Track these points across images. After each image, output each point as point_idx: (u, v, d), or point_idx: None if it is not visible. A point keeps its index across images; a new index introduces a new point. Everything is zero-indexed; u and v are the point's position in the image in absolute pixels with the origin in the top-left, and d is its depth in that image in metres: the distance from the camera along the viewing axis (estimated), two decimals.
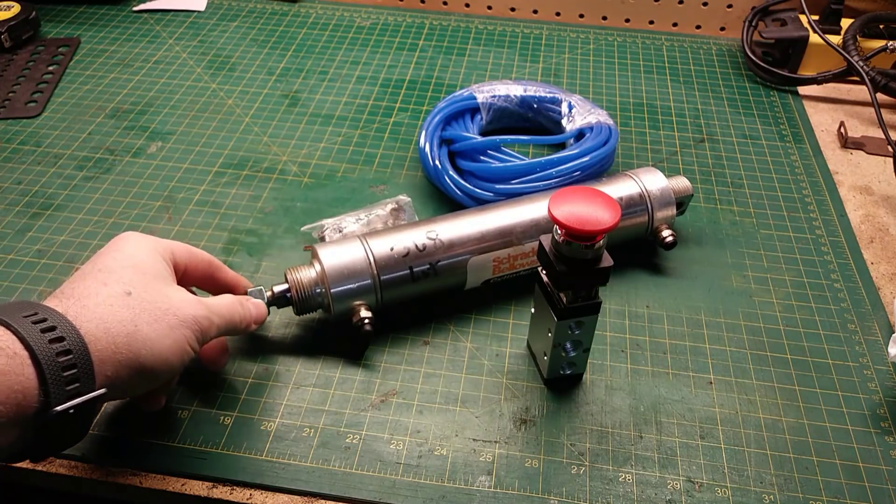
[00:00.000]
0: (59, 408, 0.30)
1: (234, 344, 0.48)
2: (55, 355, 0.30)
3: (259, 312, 0.43)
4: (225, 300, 0.41)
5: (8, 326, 0.31)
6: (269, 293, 0.45)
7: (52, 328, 0.31)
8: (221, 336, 0.41)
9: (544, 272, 0.42)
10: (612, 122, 0.60)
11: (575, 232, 0.37)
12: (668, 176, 0.53)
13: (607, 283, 0.39)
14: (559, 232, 0.38)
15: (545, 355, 0.44)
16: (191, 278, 0.43)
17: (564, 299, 0.40)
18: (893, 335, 0.45)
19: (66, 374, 0.31)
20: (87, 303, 0.34)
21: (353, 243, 0.47)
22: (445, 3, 0.87)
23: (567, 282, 0.39)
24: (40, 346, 0.30)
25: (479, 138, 0.57)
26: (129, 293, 0.35)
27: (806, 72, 0.75)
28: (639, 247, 0.55)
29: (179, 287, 0.39)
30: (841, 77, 0.71)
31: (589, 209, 0.37)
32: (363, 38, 0.81)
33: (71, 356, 0.31)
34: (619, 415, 0.44)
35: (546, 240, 0.40)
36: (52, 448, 0.33)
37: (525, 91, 0.64)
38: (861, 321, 0.51)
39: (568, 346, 0.44)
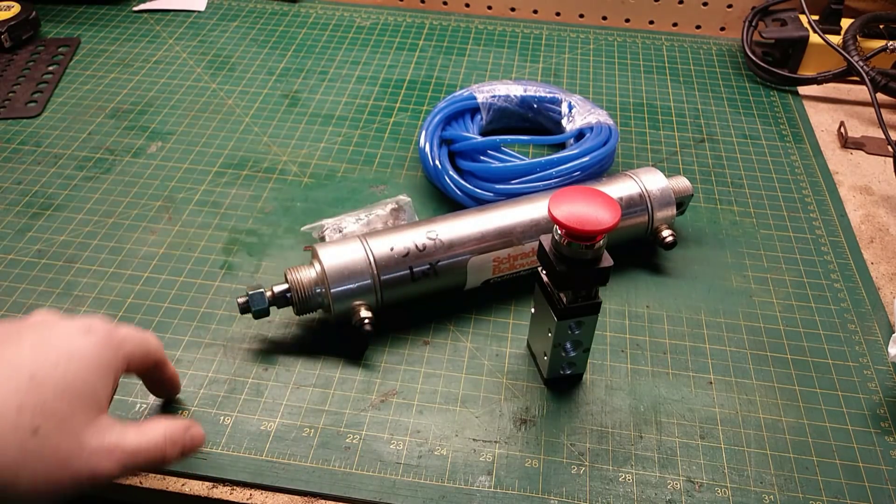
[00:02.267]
0: None
1: (234, 344, 0.48)
2: None
3: (193, 445, 0.37)
4: (151, 442, 0.33)
5: None
6: (269, 293, 0.45)
7: None
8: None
9: (544, 272, 0.42)
10: (612, 122, 0.60)
11: (575, 232, 0.37)
12: (668, 176, 0.53)
13: (607, 284, 0.39)
14: (559, 232, 0.38)
15: (545, 355, 0.44)
16: (133, 370, 0.37)
17: (564, 299, 0.40)
18: (893, 335, 0.45)
19: None
20: None
21: (353, 243, 0.47)
22: (445, 3, 0.87)
23: (567, 282, 0.39)
24: None
25: (479, 138, 0.57)
26: (35, 432, 0.29)
27: (806, 72, 0.75)
28: (639, 247, 0.55)
29: (104, 421, 0.32)
30: (841, 77, 0.71)
31: (589, 209, 0.37)
32: (363, 38, 0.81)
33: None
34: (619, 415, 0.44)
35: (546, 240, 0.40)
36: None
37: (525, 91, 0.64)
38: (861, 321, 0.51)
39: (568, 346, 0.44)
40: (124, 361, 0.34)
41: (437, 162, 0.58)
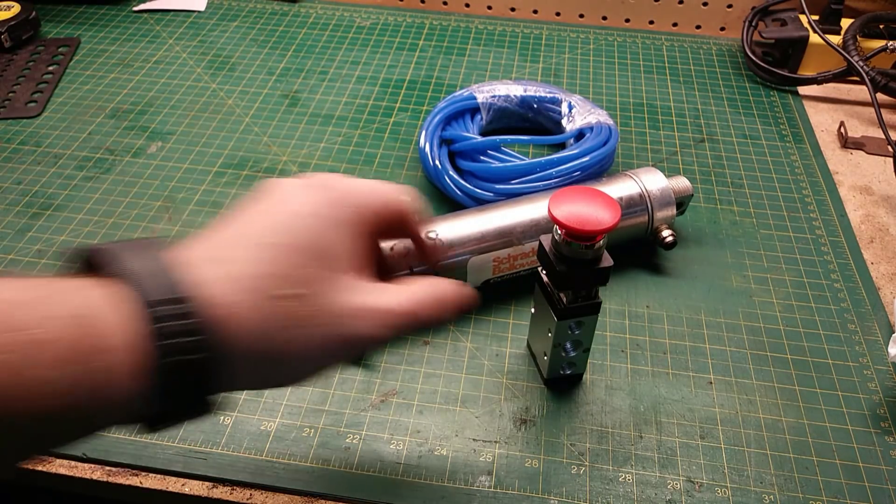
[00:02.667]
0: (160, 425, 0.26)
1: None
2: (173, 333, 0.24)
3: (463, 304, 0.33)
4: (421, 296, 0.31)
5: (140, 301, 0.24)
6: None
7: (189, 331, 0.24)
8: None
9: (544, 272, 0.42)
10: (612, 122, 0.60)
11: (575, 232, 0.37)
12: (668, 176, 0.53)
13: (607, 283, 0.39)
14: (559, 232, 0.38)
15: (545, 355, 0.44)
16: (377, 225, 0.32)
17: (564, 299, 0.40)
18: (893, 335, 0.45)
19: (187, 377, 0.25)
20: (242, 298, 0.26)
21: None
22: (445, 3, 0.87)
23: (567, 282, 0.39)
24: (161, 322, 0.24)
25: (479, 138, 0.57)
26: (293, 297, 0.27)
27: (806, 72, 0.75)
28: (639, 247, 0.55)
29: (359, 284, 0.29)
30: (841, 77, 0.71)
31: (589, 209, 0.37)
32: (363, 38, 0.81)
33: (196, 370, 0.25)
34: (619, 415, 0.44)
35: (546, 240, 0.40)
36: (172, 413, 0.26)
37: (525, 91, 0.64)
38: (861, 321, 0.51)
39: (568, 345, 0.44)
40: (357, 214, 0.30)
41: (437, 162, 0.58)
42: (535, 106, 0.64)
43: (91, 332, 0.23)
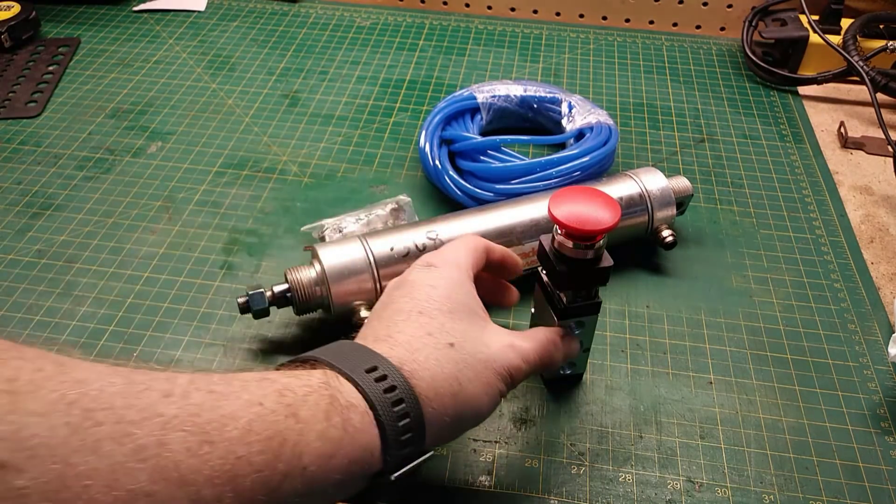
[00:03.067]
0: (395, 474, 0.31)
1: (234, 344, 0.48)
2: (396, 419, 0.30)
3: (571, 350, 0.40)
4: (538, 343, 0.38)
5: (353, 382, 0.30)
6: (269, 293, 0.45)
7: (393, 388, 0.31)
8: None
9: (544, 272, 0.42)
10: (612, 122, 0.60)
11: (575, 231, 0.36)
12: (668, 176, 0.53)
13: (607, 283, 0.39)
14: (559, 231, 0.38)
15: None
16: (481, 272, 0.40)
17: (564, 299, 0.40)
18: (893, 335, 0.45)
19: (402, 437, 0.31)
20: (417, 356, 0.33)
21: (353, 243, 0.47)
22: (445, 3, 0.87)
23: (567, 282, 0.39)
24: (384, 409, 0.30)
25: (479, 138, 0.57)
26: (452, 345, 0.34)
27: (806, 72, 0.75)
28: (639, 247, 0.55)
29: (492, 327, 0.37)
30: (841, 77, 0.71)
31: (589, 209, 0.37)
32: (363, 38, 0.81)
33: (409, 420, 0.31)
34: (619, 415, 0.44)
35: (546, 240, 0.40)
36: (380, 494, 0.33)
37: (525, 91, 0.64)
38: (861, 321, 0.51)
39: None
40: (471, 272, 0.38)
41: (437, 162, 0.58)
42: (535, 106, 0.64)
43: (337, 396, 0.29)
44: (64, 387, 0.23)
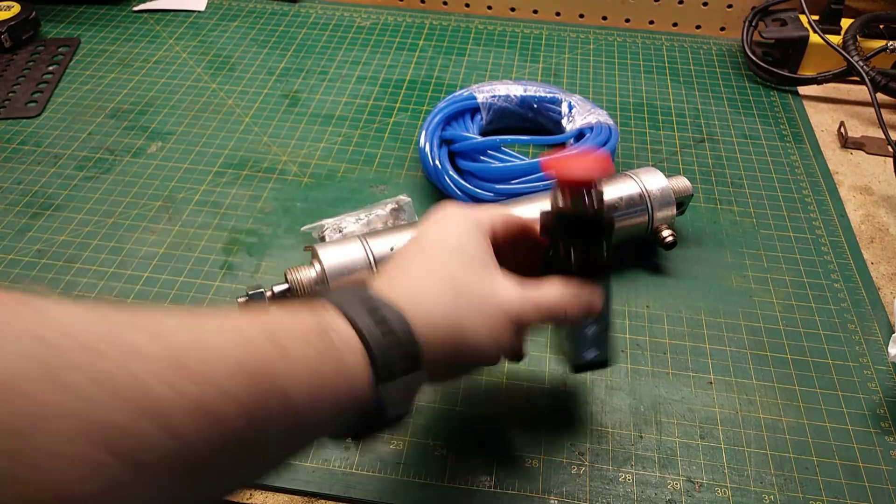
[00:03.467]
0: (389, 401, 0.30)
1: None
2: (390, 356, 0.30)
3: (591, 302, 0.37)
4: (552, 292, 0.36)
5: (347, 318, 0.30)
6: (269, 293, 0.45)
7: (387, 323, 0.30)
8: (543, 322, 0.37)
9: (550, 249, 0.40)
10: (612, 122, 0.60)
11: (567, 178, 0.36)
12: (668, 176, 0.53)
13: (613, 246, 0.38)
14: (559, 191, 0.37)
15: (566, 341, 0.41)
16: (499, 242, 0.39)
17: (573, 263, 0.38)
18: (893, 335, 0.45)
19: (396, 374, 0.30)
20: (416, 294, 0.33)
21: (353, 243, 0.47)
22: (445, 3, 0.87)
23: (566, 231, 0.38)
24: (378, 346, 0.30)
25: (479, 138, 0.57)
26: (454, 286, 0.34)
27: (806, 72, 0.75)
28: (639, 247, 0.55)
29: (501, 273, 0.36)
30: (841, 77, 0.71)
31: (581, 162, 0.37)
32: (363, 38, 0.81)
33: (404, 357, 0.30)
34: (619, 415, 0.44)
35: (545, 211, 0.39)
36: (373, 431, 0.32)
37: (525, 91, 0.64)
38: (861, 321, 0.51)
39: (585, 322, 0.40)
40: (488, 229, 0.37)
41: (437, 162, 0.58)
42: (535, 106, 0.64)
43: (329, 332, 0.29)
44: (30, 321, 0.22)
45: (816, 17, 0.75)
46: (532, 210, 0.50)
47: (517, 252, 0.40)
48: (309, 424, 0.28)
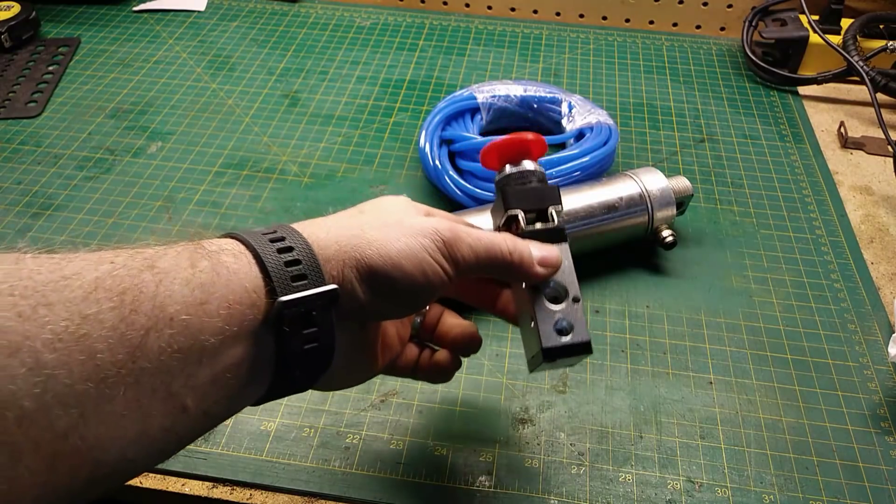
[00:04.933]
0: (285, 297, 0.27)
1: None
2: (276, 252, 0.28)
3: (547, 256, 0.34)
4: (496, 234, 0.33)
5: (233, 236, 0.29)
6: None
7: (274, 232, 0.29)
8: (482, 271, 0.33)
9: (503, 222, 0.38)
10: (612, 122, 0.60)
11: (502, 148, 0.36)
12: (668, 176, 0.53)
13: (562, 206, 0.36)
14: (502, 170, 0.37)
15: (532, 321, 0.35)
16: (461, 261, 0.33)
17: (522, 225, 0.35)
18: (893, 335, 0.45)
19: (290, 269, 0.28)
20: (316, 221, 0.31)
21: None
22: (445, 3, 0.87)
23: (515, 196, 0.36)
24: (261, 246, 0.28)
25: (479, 138, 0.57)
26: (361, 211, 0.32)
27: (806, 72, 0.75)
28: (639, 247, 0.55)
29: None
30: (841, 77, 0.71)
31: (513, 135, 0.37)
32: (363, 38, 0.81)
33: (293, 252, 0.28)
34: (619, 415, 0.44)
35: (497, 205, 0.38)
36: (289, 376, 0.29)
37: (525, 91, 0.64)
38: (861, 321, 0.51)
39: (548, 289, 0.35)
40: (435, 234, 0.32)
41: (437, 162, 0.58)
42: (535, 106, 0.64)
43: (203, 244, 0.27)
44: None
45: (816, 17, 0.75)
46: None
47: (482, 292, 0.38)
48: (199, 343, 0.25)
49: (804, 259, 0.55)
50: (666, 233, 0.52)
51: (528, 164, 0.37)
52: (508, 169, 0.37)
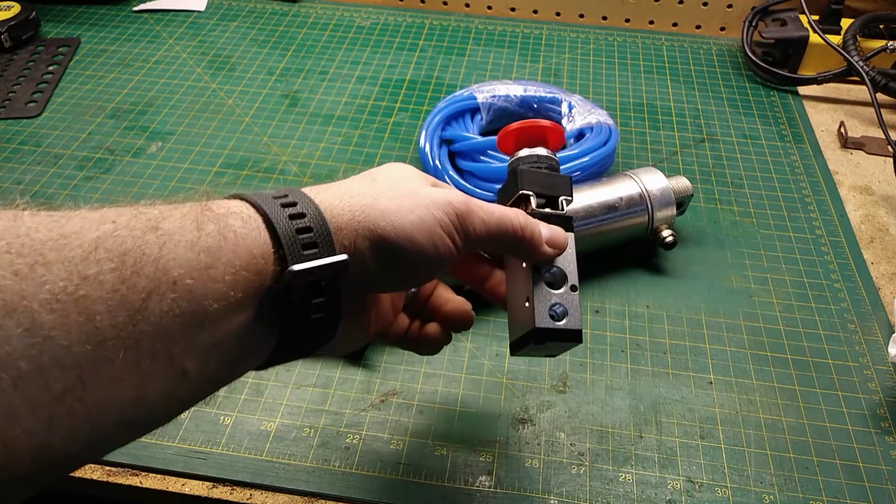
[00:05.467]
0: (296, 266, 0.26)
1: None
2: (288, 218, 0.27)
3: (553, 235, 0.34)
4: (507, 209, 0.33)
5: (243, 198, 0.28)
6: None
7: (285, 196, 0.28)
8: (490, 245, 0.33)
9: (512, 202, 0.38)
10: (612, 122, 0.60)
11: (519, 133, 0.36)
12: (668, 176, 0.53)
13: (572, 198, 0.37)
14: (517, 152, 0.38)
15: (527, 302, 0.34)
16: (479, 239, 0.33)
17: (533, 207, 0.35)
18: (893, 335, 0.45)
19: (301, 236, 0.27)
20: (328, 187, 0.30)
21: None
22: (445, 3, 0.87)
23: (528, 177, 0.36)
24: (272, 209, 0.27)
25: (479, 138, 0.58)
26: (374, 179, 0.31)
27: (806, 72, 0.75)
28: (639, 247, 0.55)
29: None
30: (841, 77, 0.71)
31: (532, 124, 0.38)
32: (363, 38, 0.81)
33: (305, 219, 0.27)
34: (619, 415, 0.44)
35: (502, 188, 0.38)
36: (293, 344, 0.28)
37: (525, 91, 0.64)
38: (861, 321, 0.51)
39: (548, 275, 0.35)
40: (449, 206, 0.32)
41: (437, 162, 0.58)
42: (535, 106, 0.64)
43: (212, 206, 0.26)
44: None
45: (816, 17, 0.75)
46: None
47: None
48: (203, 307, 0.24)
49: (804, 259, 0.55)
50: (666, 233, 0.52)
51: (542, 151, 0.37)
52: (524, 152, 0.37)
